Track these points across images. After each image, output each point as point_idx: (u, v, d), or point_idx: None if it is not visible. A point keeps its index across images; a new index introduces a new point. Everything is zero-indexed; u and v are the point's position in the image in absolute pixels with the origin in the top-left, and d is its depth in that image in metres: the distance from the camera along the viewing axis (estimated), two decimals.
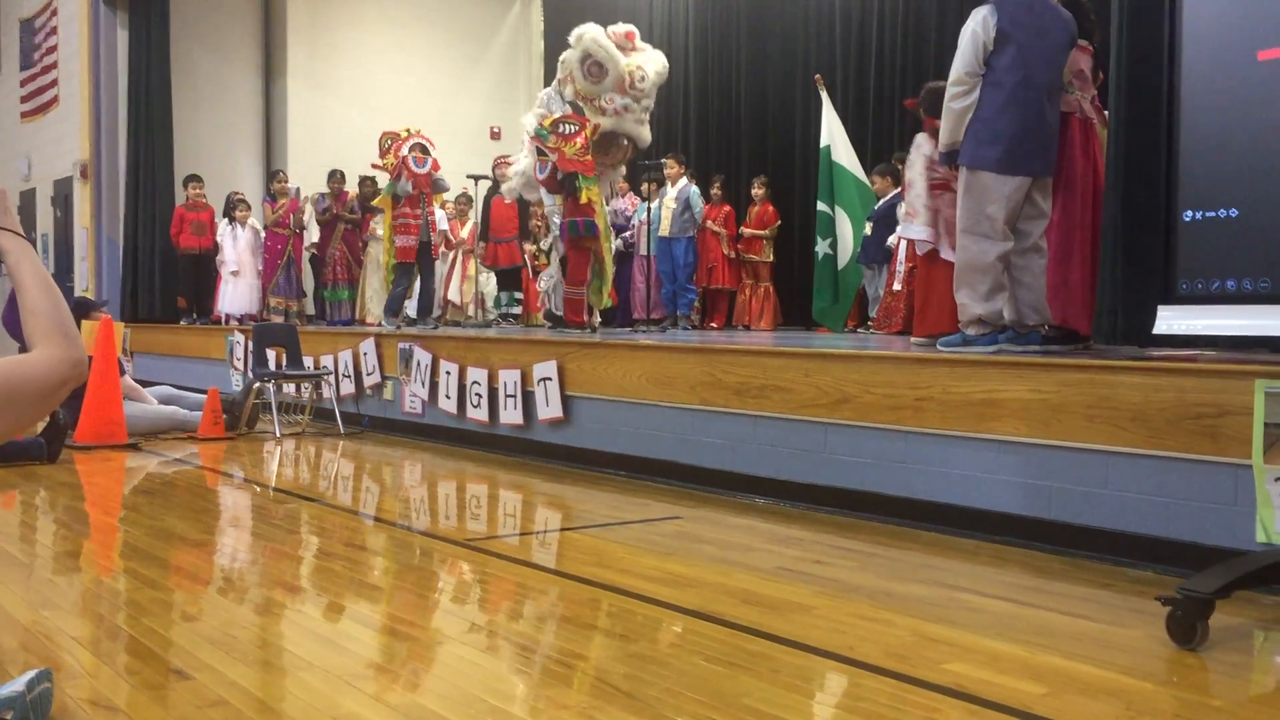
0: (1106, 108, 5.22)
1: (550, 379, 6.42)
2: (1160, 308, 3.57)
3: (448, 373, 7.35)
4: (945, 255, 6.08)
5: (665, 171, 10.04)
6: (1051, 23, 4.88)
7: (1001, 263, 4.85)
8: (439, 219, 10.53)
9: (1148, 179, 4.69)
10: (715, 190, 10.54)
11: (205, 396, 7.98)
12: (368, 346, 8.28)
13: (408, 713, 2.45)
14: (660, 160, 9.73)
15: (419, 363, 7.66)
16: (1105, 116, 5.21)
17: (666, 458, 5.75)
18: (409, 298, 9.80)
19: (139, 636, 3.05)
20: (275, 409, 8.23)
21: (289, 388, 8.91)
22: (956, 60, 4.85)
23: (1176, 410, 3.73)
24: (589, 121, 7.58)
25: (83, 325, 7.44)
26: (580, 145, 7.48)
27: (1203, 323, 3.48)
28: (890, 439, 4.68)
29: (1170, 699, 2.56)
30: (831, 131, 9.47)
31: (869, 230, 8.93)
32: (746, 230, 10.42)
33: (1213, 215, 3.42)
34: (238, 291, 11.58)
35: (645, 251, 9.70)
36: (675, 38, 12.02)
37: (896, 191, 8.30)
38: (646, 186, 9.78)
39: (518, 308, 11.41)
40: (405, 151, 9.22)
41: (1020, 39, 4.74)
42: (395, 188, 9.30)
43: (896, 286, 8.17)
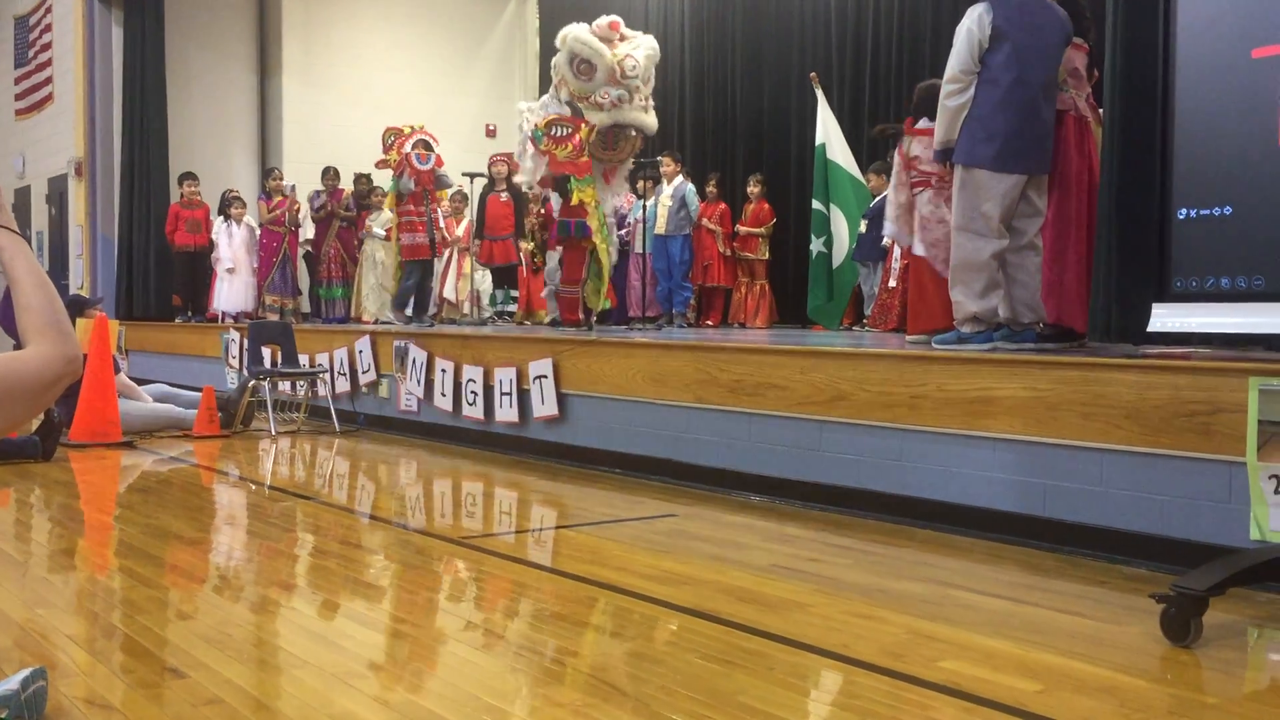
0: (1101, 106, 5.23)
1: (546, 377, 6.42)
2: (1154, 305, 3.58)
3: (443, 371, 7.35)
4: (917, 251, 6.10)
5: (661, 169, 10.04)
6: (1047, 21, 4.89)
7: (997, 260, 4.86)
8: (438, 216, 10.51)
9: (1142, 177, 4.70)
10: (711, 188, 10.55)
11: (200, 394, 7.97)
12: (363, 344, 8.28)
13: (403, 710, 2.45)
14: (656, 158, 9.74)
15: (414, 361, 7.65)
16: (1100, 114, 5.22)
17: (662, 455, 5.75)
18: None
19: (134, 635, 3.05)
20: (270, 407, 8.22)
21: (284, 386, 8.91)
22: (952, 58, 4.85)
23: (1171, 408, 3.74)
24: (583, 123, 7.58)
25: (78, 323, 7.43)
26: (573, 148, 7.48)
27: (1197, 320, 3.49)
28: (885, 437, 4.69)
29: (1165, 696, 2.56)
30: (827, 129, 9.46)
31: (864, 228, 8.93)
32: (742, 228, 10.43)
33: (1207, 213, 3.43)
34: (233, 289, 11.56)
35: (641, 249, 9.70)
36: (671, 36, 12.01)
37: None
38: (642, 184, 9.78)
39: (513, 305, 11.41)
40: (408, 148, 9.19)
41: (1015, 37, 4.75)
42: (398, 185, 9.26)
43: (892, 284, 8.17)
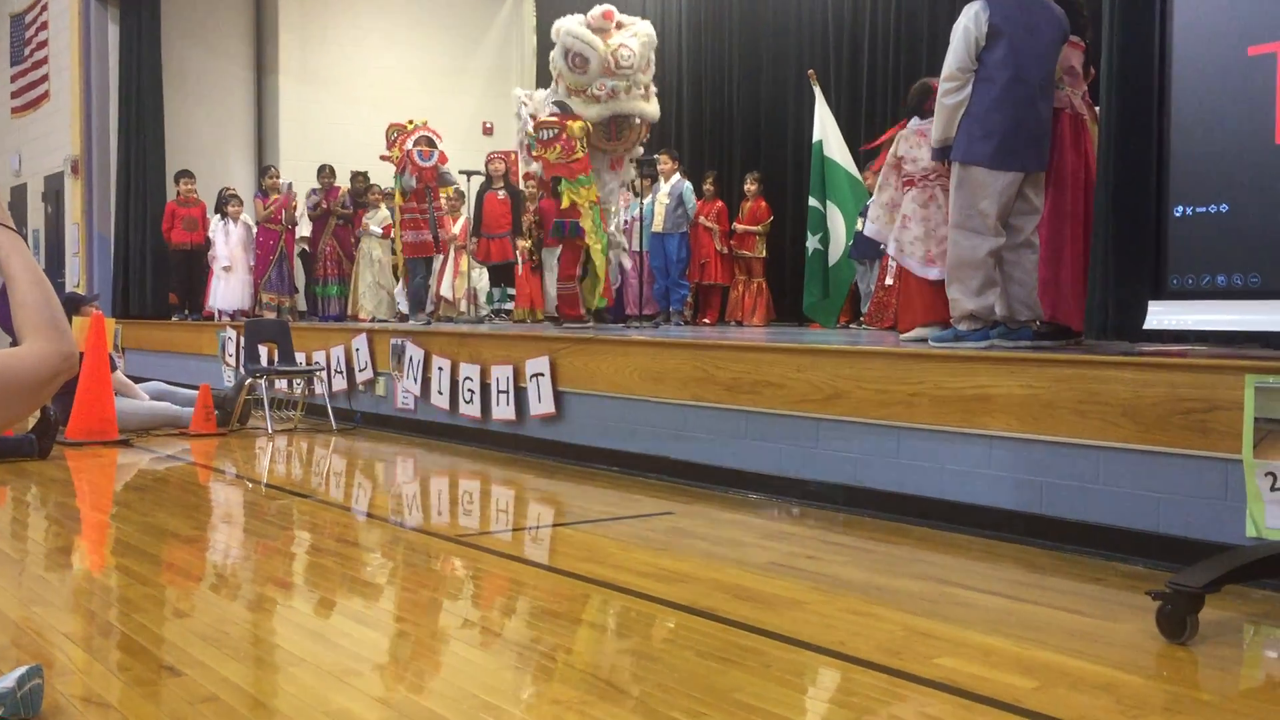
0: (1097, 103, 5.23)
1: (543, 375, 6.41)
2: (1151, 303, 3.57)
3: (440, 368, 7.34)
4: (889, 250, 6.09)
5: (659, 167, 10.04)
6: (1043, 19, 4.89)
7: (993, 258, 4.86)
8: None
9: (1138, 174, 4.69)
10: (708, 186, 10.54)
11: (197, 392, 7.96)
12: (360, 342, 8.27)
13: (401, 708, 2.45)
14: (653, 156, 9.74)
15: (411, 358, 7.65)
16: (1096, 112, 5.22)
17: (659, 453, 5.75)
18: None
19: (130, 633, 3.05)
20: (267, 405, 8.22)
21: (281, 383, 8.90)
22: (949, 56, 4.86)
23: (1167, 405, 3.75)
24: (567, 120, 7.59)
25: (74, 321, 7.41)
26: (561, 149, 7.50)
27: (1193, 318, 3.49)
28: (882, 434, 4.69)
29: (1160, 693, 2.57)
30: (824, 127, 9.45)
31: (861, 226, 8.93)
32: (739, 226, 10.41)
33: (1203, 210, 3.43)
34: (229, 287, 11.55)
35: (638, 247, 9.70)
36: (668, 34, 12.00)
37: None
38: (640, 182, 9.78)
39: (510, 303, 11.40)
40: (410, 145, 9.17)
41: (1012, 35, 4.75)
42: (401, 182, 9.24)
43: (889, 281, 8.16)
